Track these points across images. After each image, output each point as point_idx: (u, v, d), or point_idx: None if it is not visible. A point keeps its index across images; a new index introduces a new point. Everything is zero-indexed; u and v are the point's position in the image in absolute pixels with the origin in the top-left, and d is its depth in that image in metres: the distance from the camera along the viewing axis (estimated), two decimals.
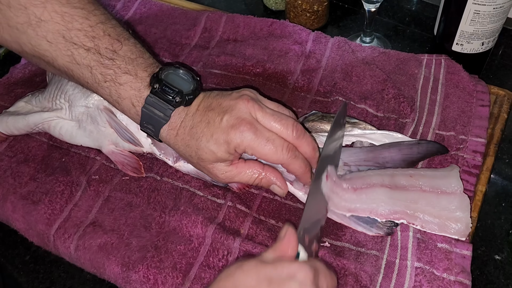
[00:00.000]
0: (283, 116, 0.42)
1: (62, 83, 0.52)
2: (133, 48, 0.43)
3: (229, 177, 0.43)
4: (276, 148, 0.40)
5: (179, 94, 0.41)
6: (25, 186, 0.50)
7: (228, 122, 0.40)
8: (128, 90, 0.42)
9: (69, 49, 0.41)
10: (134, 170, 0.50)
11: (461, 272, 0.40)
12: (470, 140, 0.49)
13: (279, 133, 0.41)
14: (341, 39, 0.60)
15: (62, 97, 0.51)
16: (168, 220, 0.46)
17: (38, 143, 0.54)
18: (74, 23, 0.41)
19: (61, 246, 0.46)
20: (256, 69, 0.59)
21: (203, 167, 0.43)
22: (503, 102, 0.54)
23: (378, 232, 0.44)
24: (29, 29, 0.41)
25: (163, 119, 0.42)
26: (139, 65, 0.42)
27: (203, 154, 0.41)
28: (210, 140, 0.41)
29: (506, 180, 0.51)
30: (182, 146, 0.42)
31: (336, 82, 0.56)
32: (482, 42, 0.56)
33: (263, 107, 0.42)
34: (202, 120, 0.41)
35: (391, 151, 0.47)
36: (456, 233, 0.42)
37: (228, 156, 0.41)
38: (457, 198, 0.43)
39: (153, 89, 0.41)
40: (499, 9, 0.52)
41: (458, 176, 0.44)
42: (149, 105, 0.41)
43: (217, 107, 0.42)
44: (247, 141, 0.40)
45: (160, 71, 0.42)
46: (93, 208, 0.48)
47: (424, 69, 0.56)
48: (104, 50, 0.42)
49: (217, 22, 0.64)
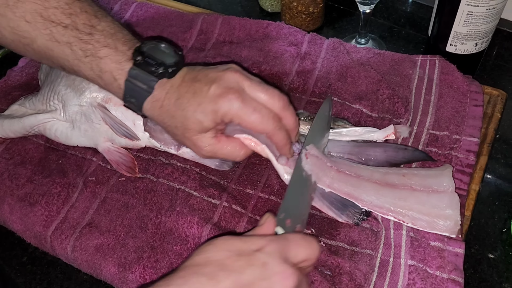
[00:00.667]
0: (269, 87, 0.43)
1: (54, 84, 0.52)
2: (111, 24, 0.44)
3: (213, 151, 0.44)
4: (262, 117, 0.41)
5: (162, 66, 0.42)
6: (22, 188, 0.50)
7: (216, 91, 0.41)
8: (109, 63, 0.42)
9: (47, 28, 0.42)
10: (128, 169, 0.50)
11: (454, 270, 0.41)
12: (463, 139, 0.49)
13: (265, 103, 0.42)
14: (336, 41, 0.60)
15: (56, 98, 0.51)
16: (164, 220, 0.46)
17: (35, 145, 0.54)
18: (51, 2, 0.42)
19: (58, 247, 0.46)
20: (251, 70, 0.59)
21: (188, 139, 0.43)
22: (496, 102, 0.54)
23: (347, 220, 0.44)
24: (7, 10, 0.42)
25: (146, 91, 0.42)
26: (118, 39, 0.43)
27: (189, 124, 0.42)
28: (197, 110, 0.41)
29: (500, 179, 0.51)
30: (167, 118, 0.43)
31: (331, 83, 0.56)
32: (475, 43, 0.56)
33: (250, 78, 0.43)
34: (188, 91, 0.42)
35: (376, 150, 0.48)
36: (446, 230, 0.42)
37: (214, 125, 0.42)
38: (447, 196, 0.43)
39: (135, 62, 0.42)
40: (492, 10, 0.52)
41: (451, 175, 0.45)
42: (132, 78, 0.42)
43: (203, 78, 0.42)
44: (235, 110, 0.41)
45: (143, 44, 0.43)
46: (90, 209, 0.48)
47: (419, 70, 0.56)
48: (82, 25, 0.42)
49: (213, 24, 0.65)
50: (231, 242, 0.34)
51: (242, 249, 0.33)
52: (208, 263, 0.32)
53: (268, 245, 0.33)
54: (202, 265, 0.32)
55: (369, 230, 0.44)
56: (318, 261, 0.42)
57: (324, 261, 0.42)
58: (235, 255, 0.32)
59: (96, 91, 0.50)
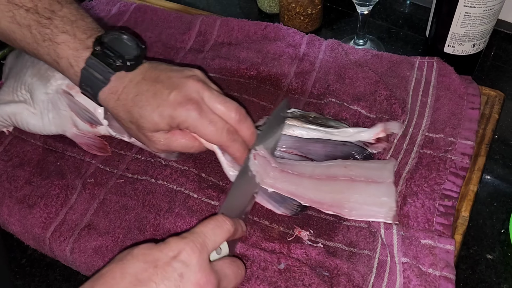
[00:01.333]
0: (228, 99, 0.44)
1: (20, 75, 0.53)
2: (74, 11, 0.44)
3: (167, 145, 0.44)
4: (217, 130, 0.42)
5: (120, 58, 0.42)
6: (20, 190, 0.50)
7: (176, 98, 0.41)
8: (66, 49, 0.42)
9: (10, 10, 0.43)
10: (100, 150, 0.52)
11: (446, 267, 0.41)
12: (459, 142, 0.49)
13: (222, 115, 0.43)
14: (335, 42, 0.60)
15: (23, 88, 0.53)
16: (162, 222, 0.46)
17: (33, 147, 0.54)
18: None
19: (56, 249, 0.46)
20: (250, 72, 0.59)
21: (142, 134, 0.44)
22: (494, 103, 0.54)
23: (285, 211, 0.46)
24: None
25: (102, 82, 0.42)
26: (78, 27, 0.43)
27: (144, 122, 0.42)
28: (155, 111, 0.42)
29: (498, 180, 0.52)
30: (122, 112, 0.43)
31: (330, 84, 0.56)
32: (473, 43, 0.56)
33: (211, 88, 0.43)
34: (149, 90, 0.42)
35: (316, 145, 0.50)
36: (381, 217, 0.44)
37: (168, 128, 0.43)
38: (384, 186, 0.45)
39: (94, 51, 0.42)
40: (489, 11, 0.53)
41: (392, 169, 0.46)
42: (89, 67, 0.42)
43: (166, 80, 0.43)
44: (191, 120, 0.42)
45: (104, 34, 0.43)
46: (88, 211, 0.48)
47: (416, 72, 0.56)
48: (43, 9, 0.43)
49: (211, 26, 0.65)
50: (148, 251, 0.33)
51: (159, 258, 0.32)
52: (123, 276, 0.32)
53: (184, 249, 0.33)
54: (117, 278, 0.32)
55: (366, 231, 0.44)
56: (317, 263, 0.43)
57: (322, 262, 0.43)
58: (152, 266, 0.32)
59: (61, 79, 0.52)
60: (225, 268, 0.36)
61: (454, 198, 0.46)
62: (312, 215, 0.46)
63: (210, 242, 0.35)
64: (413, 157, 0.49)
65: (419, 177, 0.47)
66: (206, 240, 0.35)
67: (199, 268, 0.33)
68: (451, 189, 0.46)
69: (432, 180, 0.47)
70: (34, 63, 0.53)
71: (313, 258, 0.43)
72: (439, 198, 0.45)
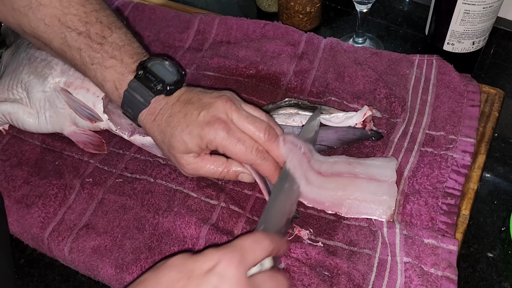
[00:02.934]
0: (257, 119, 0.44)
1: (16, 72, 0.53)
2: (122, 36, 0.46)
3: (195, 169, 0.45)
4: (246, 148, 0.42)
5: (161, 83, 0.44)
6: (18, 189, 0.50)
7: (204, 118, 0.42)
8: (113, 73, 0.44)
9: (63, 32, 0.45)
10: (96, 148, 0.52)
11: (448, 267, 0.40)
12: (459, 140, 0.49)
13: (251, 135, 0.43)
14: (334, 40, 0.60)
15: (19, 86, 0.53)
16: (161, 221, 0.46)
17: (31, 146, 0.54)
18: (71, 9, 0.45)
19: (55, 249, 0.46)
20: (249, 70, 0.59)
21: (172, 155, 0.45)
22: (494, 101, 0.54)
23: None
24: (30, 12, 0.45)
25: (142, 104, 0.44)
26: (126, 52, 0.45)
27: (175, 142, 0.43)
28: (185, 130, 0.42)
29: (498, 178, 0.51)
30: (157, 132, 0.44)
31: (329, 83, 0.56)
32: (472, 41, 0.56)
33: (240, 109, 0.44)
34: (180, 111, 0.43)
35: (328, 132, 0.51)
36: (378, 215, 0.44)
37: (198, 150, 0.43)
38: (386, 185, 0.45)
39: (137, 75, 0.44)
40: (489, 9, 0.52)
41: (394, 168, 0.46)
42: (131, 89, 0.44)
43: (196, 101, 0.44)
44: (220, 139, 0.42)
45: (148, 60, 0.45)
46: (87, 211, 0.48)
47: (416, 70, 0.56)
48: (95, 35, 0.45)
49: (210, 25, 0.65)
50: (183, 262, 0.33)
51: (193, 270, 0.32)
52: (157, 286, 0.32)
53: (221, 262, 0.32)
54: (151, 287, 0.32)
55: (367, 230, 0.44)
56: (316, 262, 0.42)
57: (322, 261, 0.42)
58: (186, 277, 0.31)
59: (58, 76, 0.52)
60: (265, 282, 0.34)
61: (456, 196, 0.45)
62: (312, 214, 0.46)
63: (249, 257, 0.33)
64: (414, 155, 0.49)
65: (421, 175, 0.47)
66: (245, 254, 0.33)
67: (235, 282, 0.32)
68: (454, 187, 0.46)
69: (434, 178, 0.47)
70: (30, 60, 0.53)
71: (313, 258, 0.43)
72: (442, 196, 0.45)
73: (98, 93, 0.52)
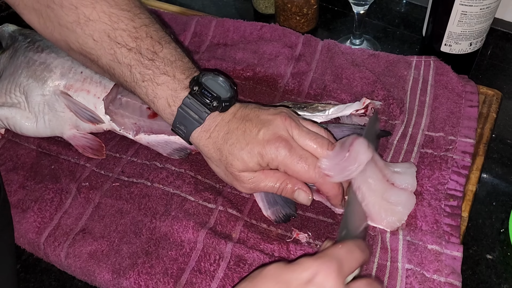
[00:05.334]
0: (318, 136, 0.42)
1: (15, 76, 0.52)
2: (173, 51, 0.44)
3: (255, 183, 0.43)
4: (308, 166, 0.41)
5: (216, 99, 0.42)
6: (14, 194, 0.50)
7: (265, 136, 0.41)
8: (165, 90, 0.43)
9: (112, 48, 0.43)
10: (95, 152, 0.51)
11: (452, 273, 0.40)
12: (459, 140, 0.49)
13: (313, 151, 0.41)
14: (331, 42, 0.60)
15: (17, 90, 0.52)
16: (159, 225, 0.46)
17: (26, 150, 0.54)
18: (120, 24, 0.43)
19: (51, 254, 0.46)
20: (246, 73, 0.59)
21: (230, 173, 0.43)
22: (492, 102, 0.54)
23: (270, 215, 0.45)
24: (78, 27, 0.43)
25: (197, 121, 0.42)
26: (177, 67, 0.43)
27: (234, 160, 0.41)
28: (245, 148, 0.41)
29: (497, 179, 0.51)
30: (213, 149, 0.43)
31: (326, 85, 0.56)
32: (470, 42, 0.56)
33: (300, 125, 0.42)
34: (238, 128, 0.42)
35: (334, 130, 0.49)
36: (385, 224, 0.43)
37: (258, 168, 0.42)
38: (406, 195, 0.43)
39: (192, 91, 0.42)
40: (486, 10, 0.52)
41: (414, 175, 0.45)
42: (185, 106, 0.42)
43: (254, 118, 0.42)
44: (281, 158, 0.40)
45: (200, 75, 0.43)
46: (83, 215, 0.48)
47: (413, 71, 0.56)
48: (145, 50, 0.43)
49: (207, 27, 0.64)
50: (280, 271, 0.32)
51: (291, 280, 0.31)
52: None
53: (320, 273, 0.31)
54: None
55: None
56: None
57: None
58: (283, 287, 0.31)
59: (58, 79, 0.51)
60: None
61: (458, 197, 0.45)
62: (310, 217, 0.46)
63: (346, 267, 0.32)
64: (414, 157, 0.48)
65: (422, 177, 0.47)
66: (342, 263, 0.32)
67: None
68: (455, 188, 0.46)
69: (435, 179, 0.46)
70: (29, 64, 0.53)
71: None
72: (444, 198, 0.45)
73: (98, 94, 0.51)
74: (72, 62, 0.53)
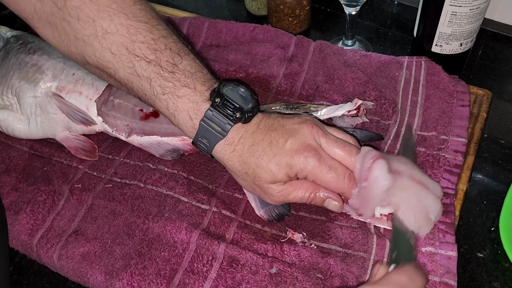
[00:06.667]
0: (346, 143, 0.42)
1: (6, 78, 0.52)
2: (192, 63, 0.43)
3: (284, 195, 0.42)
4: (338, 176, 0.40)
5: (239, 110, 0.41)
6: (6, 196, 0.49)
7: (292, 146, 0.40)
8: (186, 102, 0.41)
9: (131, 61, 0.42)
10: (87, 154, 0.51)
11: (446, 273, 0.40)
12: (451, 140, 0.50)
13: (342, 160, 0.41)
14: (323, 43, 0.60)
15: (9, 92, 0.52)
16: (152, 227, 0.46)
17: (19, 152, 0.53)
18: (138, 36, 0.42)
19: (44, 256, 0.45)
20: (238, 74, 0.59)
21: (257, 186, 0.42)
22: (482, 102, 0.55)
23: (263, 215, 0.46)
24: (95, 41, 0.42)
25: (220, 134, 0.41)
26: (198, 79, 0.42)
27: (261, 172, 0.41)
28: (272, 160, 0.40)
29: (487, 178, 0.52)
30: (238, 163, 0.42)
31: (319, 85, 0.56)
32: (460, 43, 0.57)
33: (327, 133, 0.42)
34: (264, 139, 0.41)
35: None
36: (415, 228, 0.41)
37: (286, 179, 0.41)
38: (439, 205, 0.42)
39: (213, 103, 0.41)
40: (476, 10, 0.53)
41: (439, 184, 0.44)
42: (207, 119, 0.41)
43: (279, 128, 0.41)
44: (310, 168, 0.40)
45: (221, 86, 0.42)
46: (76, 217, 0.47)
47: (405, 71, 0.56)
48: (165, 63, 0.42)
49: (199, 28, 0.65)
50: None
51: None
52: None
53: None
54: None
55: (361, 232, 0.44)
56: (310, 264, 0.42)
57: (315, 264, 0.42)
58: None
59: (50, 81, 0.51)
60: None
61: (451, 195, 0.46)
62: (303, 216, 0.46)
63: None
64: None
65: None
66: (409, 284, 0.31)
67: None
68: (447, 186, 0.46)
69: None
70: (21, 65, 0.52)
71: (306, 260, 0.43)
72: None
73: (91, 96, 0.51)
74: (64, 64, 0.53)
